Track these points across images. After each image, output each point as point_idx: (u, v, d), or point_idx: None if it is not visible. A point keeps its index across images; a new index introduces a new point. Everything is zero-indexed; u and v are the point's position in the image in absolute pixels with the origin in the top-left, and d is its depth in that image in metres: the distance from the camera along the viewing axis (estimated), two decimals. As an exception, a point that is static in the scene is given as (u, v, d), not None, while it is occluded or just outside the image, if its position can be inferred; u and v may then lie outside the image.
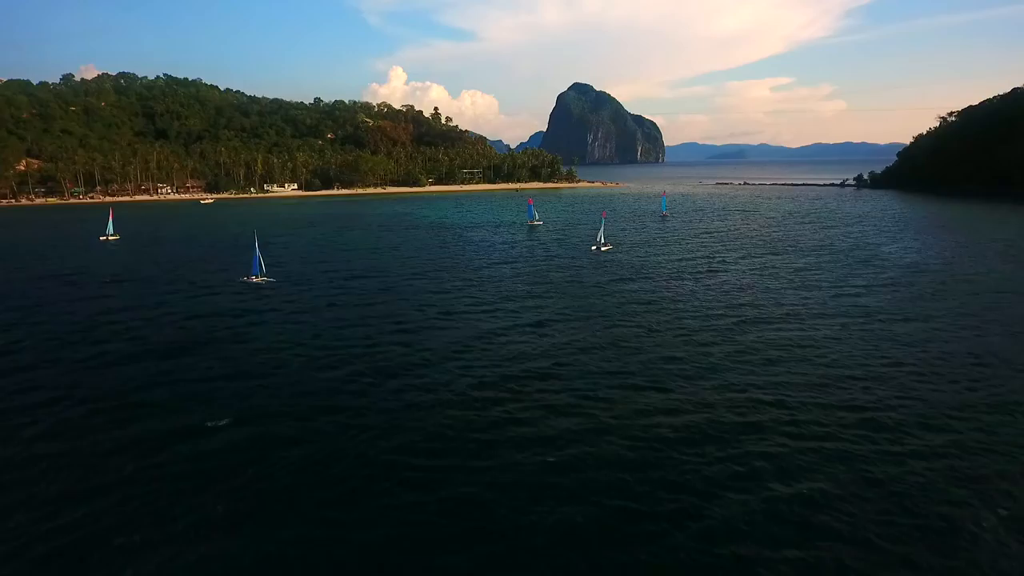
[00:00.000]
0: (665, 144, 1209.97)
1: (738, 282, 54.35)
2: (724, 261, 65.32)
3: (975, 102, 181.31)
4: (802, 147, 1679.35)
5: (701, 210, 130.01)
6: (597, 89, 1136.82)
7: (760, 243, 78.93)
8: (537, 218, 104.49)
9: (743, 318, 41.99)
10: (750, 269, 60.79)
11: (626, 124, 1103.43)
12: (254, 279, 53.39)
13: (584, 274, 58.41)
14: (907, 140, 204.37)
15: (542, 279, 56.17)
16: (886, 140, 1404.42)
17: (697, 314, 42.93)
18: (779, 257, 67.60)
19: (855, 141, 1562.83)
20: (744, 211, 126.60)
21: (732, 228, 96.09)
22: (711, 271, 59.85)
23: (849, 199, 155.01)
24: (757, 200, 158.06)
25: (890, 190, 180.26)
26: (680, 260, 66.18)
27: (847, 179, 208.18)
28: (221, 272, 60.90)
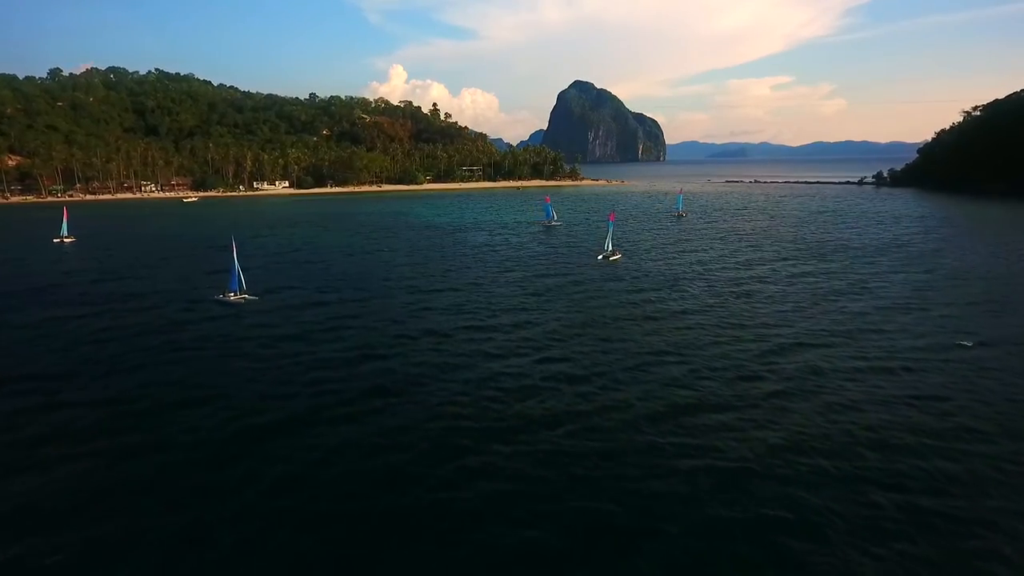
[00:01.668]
0: (666, 143, 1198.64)
1: (790, 297, 45.29)
2: (763, 269, 56.29)
3: (976, 100, 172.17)
4: (803, 145, 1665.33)
5: (718, 209, 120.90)
6: (598, 87, 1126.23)
7: (799, 246, 69.91)
8: (556, 218, 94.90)
9: (807, 343, 33.22)
10: (797, 278, 51.86)
11: (627, 122, 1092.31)
12: (231, 296, 43.38)
13: (593, 290, 49.30)
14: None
15: (547, 294, 47.19)
16: (887, 139, 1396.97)
17: (747, 347, 33.79)
18: (828, 263, 58.65)
19: (856, 140, 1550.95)
20: (766, 210, 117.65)
21: (760, 229, 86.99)
22: (749, 281, 50.85)
23: (873, 198, 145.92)
24: (775, 198, 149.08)
25: (911, 188, 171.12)
26: (708, 268, 57.15)
27: (865, 177, 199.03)
28: (178, 282, 51.91)
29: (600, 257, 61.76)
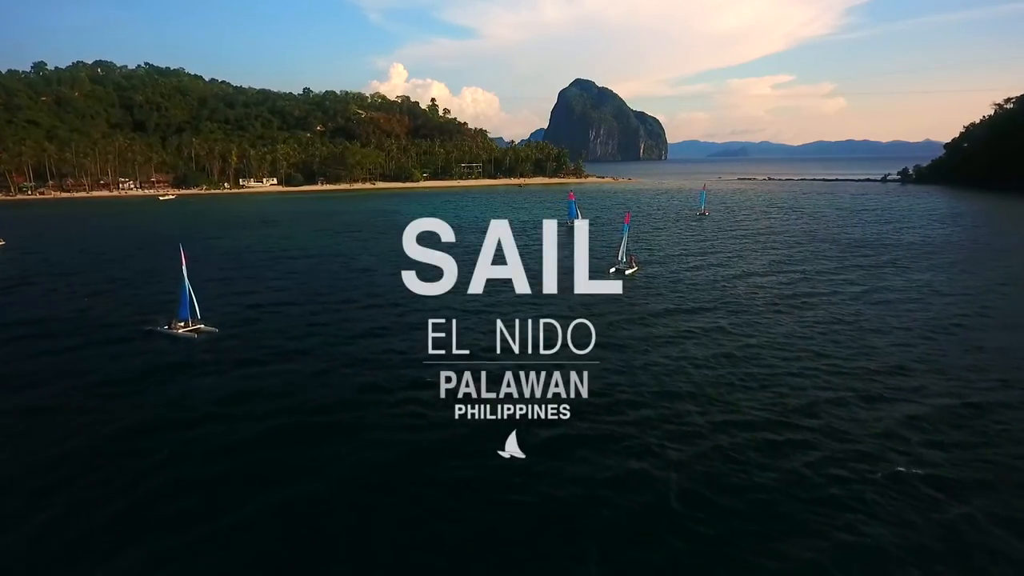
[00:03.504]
0: (667, 141, 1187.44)
1: (880, 316, 34.53)
2: (829, 279, 45.40)
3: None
4: (804, 144, 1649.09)
5: (742, 207, 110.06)
6: (599, 85, 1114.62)
7: (861, 249, 59.08)
8: (581, 218, 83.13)
9: (949, 394, 22.52)
10: (882, 290, 41.09)
11: (629, 121, 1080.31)
12: (180, 328, 31.82)
13: (615, 313, 38.30)
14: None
15: (557, 317, 36.25)
16: (888, 138, 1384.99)
17: (847, 393, 23.38)
18: (906, 270, 47.86)
19: (857, 139, 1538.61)
20: (798, 208, 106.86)
21: (801, 229, 75.92)
22: (818, 296, 40.06)
23: (905, 195, 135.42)
24: (799, 195, 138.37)
25: (939, 186, 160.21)
26: (755, 280, 46.14)
27: (889, 173, 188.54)
28: (108, 300, 41.07)
29: (612, 270, 47.78)
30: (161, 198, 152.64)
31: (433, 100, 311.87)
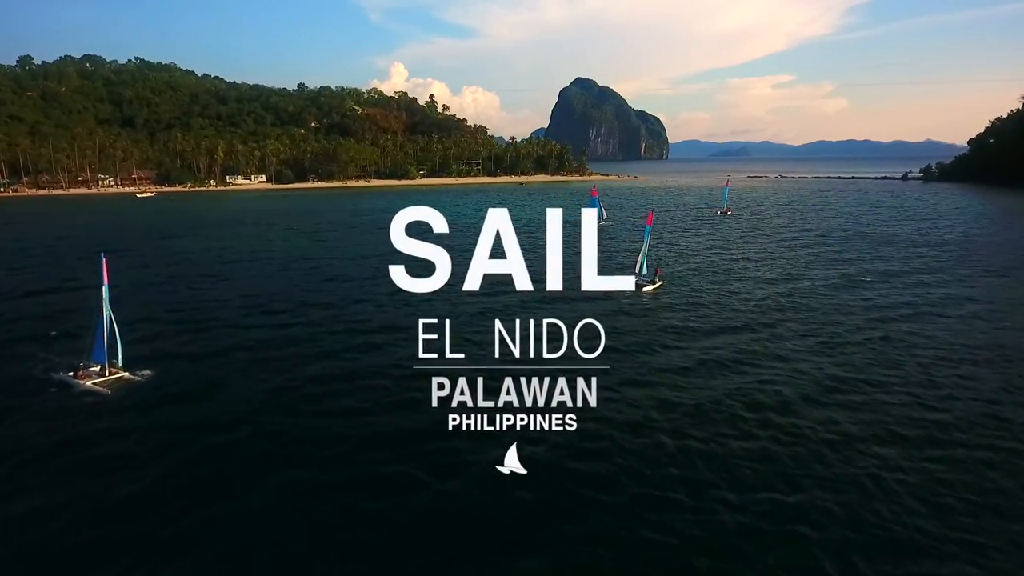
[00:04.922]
0: (668, 141, 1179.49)
1: (972, 347, 25.93)
2: (892, 290, 36.72)
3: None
4: (804, 144, 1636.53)
5: (764, 205, 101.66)
6: (600, 84, 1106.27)
7: (911, 251, 50.44)
8: (606, 216, 69.65)
9: None
10: (952, 299, 32.67)
11: (629, 120, 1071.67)
12: (92, 377, 21.97)
13: (640, 343, 29.40)
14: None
15: (564, 348, 27.63)
16: (889, 138, 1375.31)
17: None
18: (989, 275, 39.31)
19: (858, 139, 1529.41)
20: (827, 206, 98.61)
21: (842, 227, 67.13)
22: (885, 307, 31.47)
23: (935, 193, 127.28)
24: (820, 193, 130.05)
25: (964, 184, 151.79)
26: (795, 285, 37.61)
27: (910, 171, 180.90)
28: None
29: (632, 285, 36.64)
30: (139, 195, 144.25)
31: (432, 96, 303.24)
